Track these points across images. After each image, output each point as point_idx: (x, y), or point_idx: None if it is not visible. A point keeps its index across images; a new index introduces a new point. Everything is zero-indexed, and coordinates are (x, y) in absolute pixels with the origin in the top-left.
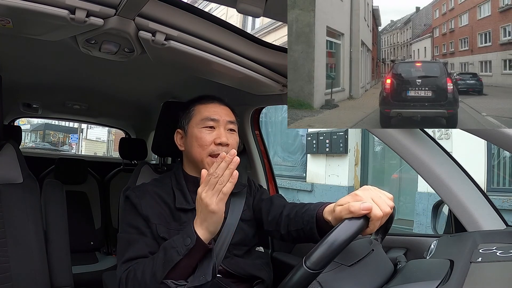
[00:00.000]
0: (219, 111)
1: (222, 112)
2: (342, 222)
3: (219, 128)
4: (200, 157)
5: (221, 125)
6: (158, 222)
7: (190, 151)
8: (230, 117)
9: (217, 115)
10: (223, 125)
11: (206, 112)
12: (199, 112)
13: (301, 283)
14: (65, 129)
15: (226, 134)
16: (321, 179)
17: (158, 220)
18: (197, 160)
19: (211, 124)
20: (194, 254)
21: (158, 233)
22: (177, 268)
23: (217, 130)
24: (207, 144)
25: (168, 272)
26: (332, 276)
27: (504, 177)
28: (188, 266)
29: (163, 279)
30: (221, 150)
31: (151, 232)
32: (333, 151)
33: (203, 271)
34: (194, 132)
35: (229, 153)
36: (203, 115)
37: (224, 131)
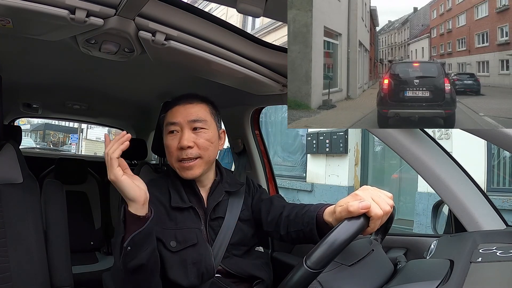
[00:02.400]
0: (181, 112)
1: (184, 112)
2: (342, 222)
3: (183, 131)
4: (171, 163)
5: (184, 127)
6: None
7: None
8: (196, 115)
9: (177, 118)
10: (186, 127)
11: (169, 117)
12: (166, 118)
13: (302, 283)
14: (65, 129)
15: (189, 136)
16: (321, 179)
17: None
18: (172, 166)
19: (172, 129)
20: (130, 227)
21: None
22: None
23: (180, 133)
24: (172, 151)
25: None
26: (332, 275)
27: (504, 177)
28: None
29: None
30: (186, 154)
31: None
32: (333, 151)
33: None
34: (164, 139)
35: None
36: (167, 120)
37: (188, 132)
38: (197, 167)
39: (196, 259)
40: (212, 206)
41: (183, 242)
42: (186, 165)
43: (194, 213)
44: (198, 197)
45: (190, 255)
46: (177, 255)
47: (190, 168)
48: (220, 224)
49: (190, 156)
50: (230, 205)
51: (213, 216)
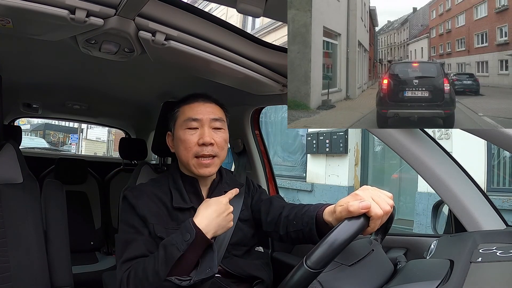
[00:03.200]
0: (202, 109)
1: (205, 110)
2: (342, 222)
3: (203, 127)
4: (186, 159)
5: (205, 124)
6: (156, 222)
7: (177, 153)
8: (215, 114)
9: (200, 114)
10: (207, 124)
11: (188, 112)
12: (183, 113)
13: (302, 283)
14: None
15: (210, 133)
16: (321, 179)
17: (156, 220)
18: (184, 161)
19: (194, 125)
20: (195, 248)
21: (156, 233)
22: (179, 265)
23: (201, 130)
24: (191, 146)
25: (170, 269)
26: (332, 275)
27: (504, 177)
28: (190, 262)
29: (166, 276)
30: (207, 151)
31: (148, 231)
32: (333, 151)
33: (208, 264)
34: (179, 134)
35: None
36: (185, 115)
37: (209, 129)
38: (213, 166)
39: None
40: None
41: None
42: (205, 162)
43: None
44: (199, 196)
45: None
46: None
47: (208, 166)
48: None
49: (210, 153)
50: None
51: None
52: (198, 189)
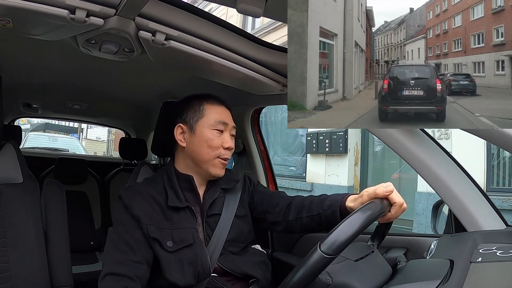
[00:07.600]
0: (227, 116)
1: (229, 117)
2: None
3: (226, 132)
4: (209, 157)
5: (228, 130)
6: (149, 223)
7: (195, 150)
8: (233, 123)
9: (228, 120)
10: (229, 130)
11: (218, 115)
12: (211, 113)
13: (315, 267)
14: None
15: (231, 139)
16: (320, 179)
17: (149, 221)
18: (203, 159)
19: (221, 128)
20: None
21: (149, 234)
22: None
23: (225, 134)
24: (217, 147)
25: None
26: (339, 268)
27: (504, 177)
28: None
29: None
30: (228, 154)
31: (141, 232)
32: (332, 151)
33: None
34: (205, 132)
35: None
36: (216, 117)
37: (229, 135)
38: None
39: (192, 259)
40: (208, 203)
41: (180, 242)
42: (224, 163)
43: (190, 213)
44: (195, 194)
45: (187, 255)
46: (173, 255)
47: (224, 167)
48: (217, 220)
49: (229, 157)
50: (227, 202)
51: (210, 213)
52: (194, 186)
